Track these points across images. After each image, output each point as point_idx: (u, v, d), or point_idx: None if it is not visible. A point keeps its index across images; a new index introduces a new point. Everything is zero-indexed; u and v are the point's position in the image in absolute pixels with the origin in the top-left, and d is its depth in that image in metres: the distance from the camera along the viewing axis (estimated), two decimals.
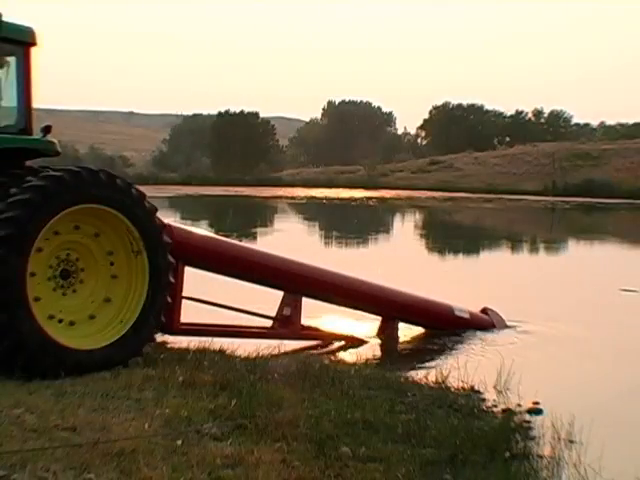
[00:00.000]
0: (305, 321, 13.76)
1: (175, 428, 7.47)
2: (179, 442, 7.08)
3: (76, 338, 9.76)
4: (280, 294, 13.77)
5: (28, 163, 10.82)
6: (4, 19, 10.03)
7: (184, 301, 11.98)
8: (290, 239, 34.15)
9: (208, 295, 12.64)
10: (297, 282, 13.76)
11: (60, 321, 9.82)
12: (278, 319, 13.66)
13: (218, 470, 6.58)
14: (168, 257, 10.51)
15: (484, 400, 10.22)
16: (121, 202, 10.06)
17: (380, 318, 14.91)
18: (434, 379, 10.73)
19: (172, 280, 10.71)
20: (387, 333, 14.66)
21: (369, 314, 14.89)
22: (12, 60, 10.46)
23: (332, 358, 12.35)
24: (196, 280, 12.46)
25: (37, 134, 10.70)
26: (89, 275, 10.23)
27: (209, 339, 11.80)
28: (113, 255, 10.32)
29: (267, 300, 13.90)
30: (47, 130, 10.78)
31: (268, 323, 13.68)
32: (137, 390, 8.61)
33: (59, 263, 10.00)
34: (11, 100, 10.66)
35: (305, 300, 13.72)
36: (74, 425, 7.23)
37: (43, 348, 9.20)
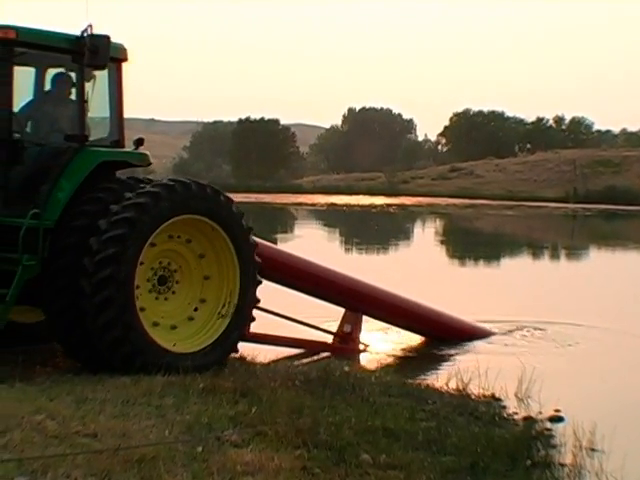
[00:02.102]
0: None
1: (195, 435, 7.46)
2: (199, 449, 7.07)
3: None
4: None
5: None
6: None
7: None
8: (311, 245, 34.10)
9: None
10: (360, 300, 14.25)
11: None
12: (339, 335, 14.06)
13: (238, 477, 6.57)
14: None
15: (505, 408, 10.18)
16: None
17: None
18: (455, 386, 10.69)
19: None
20: None
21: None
22: (101, 75, 10.76)
23: (352, 365, 12.34)
24: None
25: (129, 146, 11.14)
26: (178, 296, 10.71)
27: None
28: (202, 302, 10.73)
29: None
30: (140, 142, 11.16)
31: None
32: (158, 397, 8.61)
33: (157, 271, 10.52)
34: (99, 113, 11.03)
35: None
36: (95, 431, 7.24)
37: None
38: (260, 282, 11.03)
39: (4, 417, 7.33)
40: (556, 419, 9.80)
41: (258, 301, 11.12)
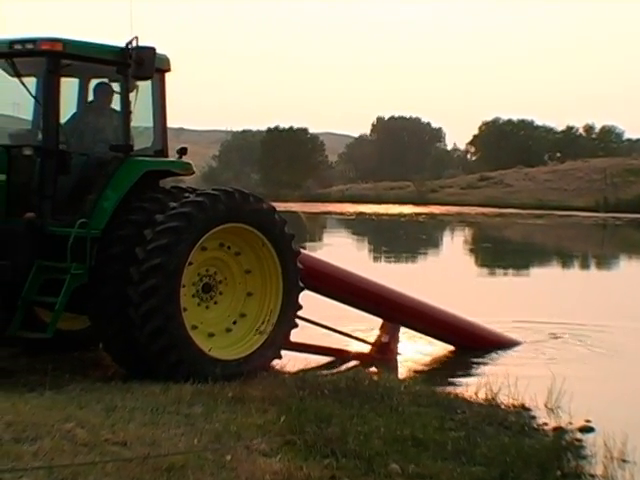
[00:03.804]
0: None
1: (224, 443, 7.47)
2: (228, 457, 7.08)
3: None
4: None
5: None
6: None
7: None
8: (340, 253, 34.06)
9: None
10: (399, 312, 14.33)
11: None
12: (376, 345, 14.15)
13: None
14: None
15: (535, 418, 10.12)
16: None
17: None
18: (484, 396, 10.65)
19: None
20: None
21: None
22: (144, 85, 10.94)
23: (381, 374, 12.31)
24: None
25: (173, 156, 11.31)
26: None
27: None
28: (242, 316, 10.83)
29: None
30: (183, 152, 11.33)
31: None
32: (187, 405, 8.63)
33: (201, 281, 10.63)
34: (142, 122, 11.21)
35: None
36: (124, 440, 7.27)
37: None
38: (301, 307, 11.14)
39: (34, 425, 7.37)
40: (586, 429, 9.73)
41: (296, 325, 11.18)
